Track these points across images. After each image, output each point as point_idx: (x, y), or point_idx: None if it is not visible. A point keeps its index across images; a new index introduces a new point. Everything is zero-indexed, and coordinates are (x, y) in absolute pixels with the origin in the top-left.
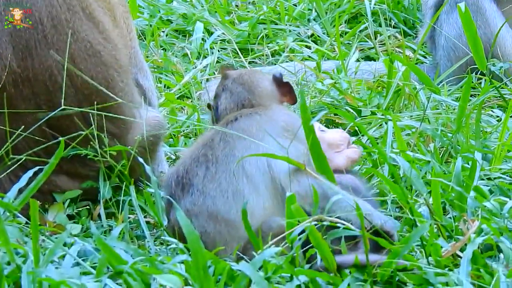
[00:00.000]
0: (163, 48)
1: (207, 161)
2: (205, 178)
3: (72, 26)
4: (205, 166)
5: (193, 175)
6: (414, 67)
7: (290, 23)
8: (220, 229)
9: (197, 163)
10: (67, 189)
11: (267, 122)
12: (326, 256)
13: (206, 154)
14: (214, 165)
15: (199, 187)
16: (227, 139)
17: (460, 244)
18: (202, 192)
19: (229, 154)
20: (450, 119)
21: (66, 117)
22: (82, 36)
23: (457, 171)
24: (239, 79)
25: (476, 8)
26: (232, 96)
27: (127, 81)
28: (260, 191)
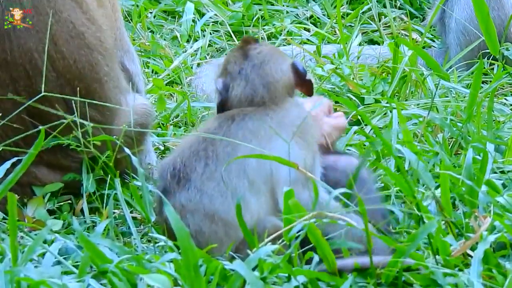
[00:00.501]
0: (151, 30)
1: (207, 157)
2: (204, 175)
3: (54, 5)
4: (205, 162)
5: (191, 169)
6: (421, 51)
7: (287, 3)
8: (216, 229)
9: (197, 157)
10: (47, 181)
11: (277, 127)
12: (327, 255)
13: (206, 149)
14: (214, 162)
15: (197, 183)
16: (231, 138)
17: (471, 243)
18: (200, 190)
19: (231, 154)
20: (460, 108)
21: (47, 104)
22: (64, 17)
23: (467, 164)
24: (260, 68)
25: None
26: (247, 86)
27: (113, 65)
28: (261, 197)
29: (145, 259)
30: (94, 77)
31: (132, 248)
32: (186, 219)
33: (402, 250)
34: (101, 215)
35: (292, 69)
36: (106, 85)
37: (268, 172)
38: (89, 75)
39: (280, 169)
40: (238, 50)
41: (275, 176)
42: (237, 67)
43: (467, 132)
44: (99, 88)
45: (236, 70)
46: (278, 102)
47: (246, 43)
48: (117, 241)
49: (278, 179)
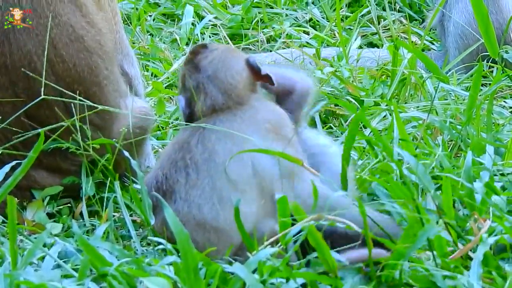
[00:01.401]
0: (150, 33)
1: (186, 166)
2: (187, 185)
3: (53, 9)
4: (185, 172)
5: (173, 181)
6: (420, 54)
7: (287, 6)
8: (209, 237)
9: (176, 168)
10: (47, 185)
11: (249, 126)
12: (326, 257)
13: (184, 158)
14: (194, 170)
15: (182, 194)
16: (205, 143)
17: (471, 245)
18: (186, 200)
19: (209, 159)
20: (460, 110)
21: (47, 107)
22: (64, 20)
23: (467, 166)
24: (215, 77)
25: None
26: (207, 97)
27: (112, 68)
28: (247, 196)
29: (144, 262)
30: (94, 80)
31: (132, 251)
32: None
33: (402, 252)
34: (100, 218)
35: (247, 67)
36: (105, 89)
37: (250, 172)
38: (88, 79)
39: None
40: (189, 63)
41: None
42: (193, 82)
43: (466, 135)
44: (98, 92)
45: (193, 85)
46: (243, 101)
47: (195, 54)
48: (117, 244)
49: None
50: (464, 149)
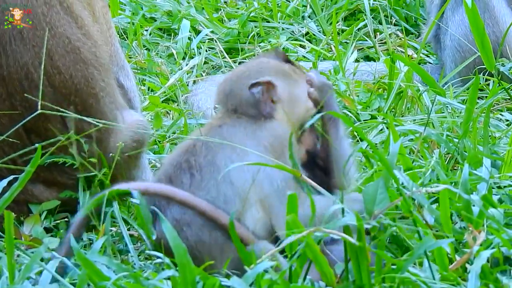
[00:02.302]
0: (146, 48)
1: (191, 167)
2: (192, 186)
3: (49, 20)
4: (190, 173)
5: (178, 183)
6: (417, 67)
7: (283, 20)
8: (216, 236)
9: (180, 169)
10: (44, 199)
11: (251, 139)
12: (324, 270)
13: (188, 160)
14: (199, 172)
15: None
16: (210, 145)
17: (466, 257)
18: None
19: (212, 161)
20: (456, 123)
21: (44, 120)
22: (60, 32)
23: (464, 179)
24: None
25: (484, 5)
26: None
27: (109, 80)
28: (250, 201)
29: (142, 277)
30: (90, 92)
31: (130, 265)
32: (184, 232)
33: (399, 265)
34: (98, 232)
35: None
36: (102, 101)
37: (249, 182)
38: (85, 90)
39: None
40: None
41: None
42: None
43: (463, 148)
44: (95, 103)
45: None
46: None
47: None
48: (114, 258)
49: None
50: (461, 162)
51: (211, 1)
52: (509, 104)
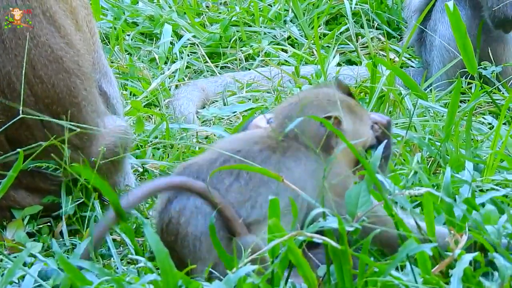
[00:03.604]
0: (128, 52)
1: (239, 175)
2: (232, 186)
3: (32, 29)
4: (235, 177)
5: (218, 180)
6: (399, 71)
7: (265, 25)
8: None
9: (227, 171)
10: (26, 204)
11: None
12: (307, 274)
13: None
14: (246, 180)
15: (222, 193)
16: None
17: (448, 261)
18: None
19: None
20: (438, 127)
21: (26, 128)
22: (43, 41)
23: (446, 183)
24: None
25: None
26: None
27: (91, 89)
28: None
29: (125, 281)
30: (72, 101)
31: (112, 269)
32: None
33: (382, 268)
34: (81, 237)
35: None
36: (84, 109)
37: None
38: (67, 99)
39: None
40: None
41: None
42: None
43: (445, 151)
44: (77, 112)
45: None
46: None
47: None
48: (97, 263)
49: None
50: (443, 166)
51: (193, 5)
52: (491, 108)
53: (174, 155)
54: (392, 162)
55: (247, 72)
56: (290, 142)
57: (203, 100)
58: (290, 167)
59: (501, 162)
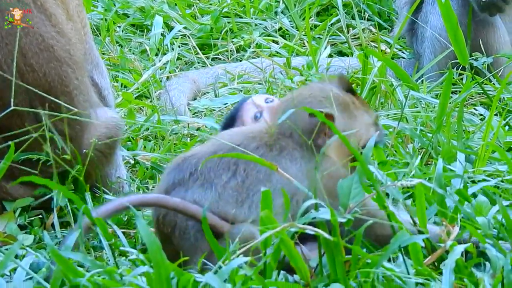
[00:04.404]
0: (119, 44)
1: (236, 171)
2: (229, 183)
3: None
4: (232, 173)
5: (216, 175)
6: (390, 62)
7: (256, 16)
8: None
9: (225, 166)
10: (18, 196)
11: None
12: (299, 266)
13: (237, 164)
14: (242, 178)
15: (218, 189)
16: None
17: (441, 252)
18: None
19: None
20: (430, 118)
21: (17, 117)
22: (34, 30)
23: (438, 174)
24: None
25: None
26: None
27: (82, 78)
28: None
29: (117, 273)
30: (64, 90)
31: (104, 262)
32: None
33: (374, 260)
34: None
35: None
36: (76, 99)
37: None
38: (58, 88)
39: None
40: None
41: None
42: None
43: (437, 143)
44: (69, 101)
45: None
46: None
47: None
48: (89, 255)
49: None
50: (435, 157)
51: None
52: (483, 99)
53: (165, 147)
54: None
55: (238, 64)
56: (286, 141)
57: (194, 91)
58: (285, 167)
59: (492, 153)
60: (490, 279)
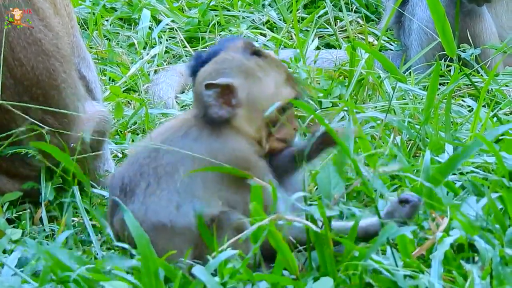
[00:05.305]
0: (107, 38)
1: (149, 174)
2: (147, 191)
3: (10, 12)
4: (147, 179)
5: (136, 184)
6: (378, 54)
7: (243, 9)
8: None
9: (141, 172)
10: (6, 190)
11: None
12: (288, 259)
13: (149, 165)
14: (156, 179)
15: (140, 198)
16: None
17: (429, 243)
18: (144, 204)
19: (172, 172)
20: (418, 110)
21: (5, 111)
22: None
23: (426, 166)
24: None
25: None
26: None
27: (70, 72)
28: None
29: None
30: (52, 84)
31: (92, 255)
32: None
33: (362, 252)
34: (60, 223)
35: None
36: (63, 92)
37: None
38: (46, 82)
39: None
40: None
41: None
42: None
43: (425, 134)
44: (57, 95)
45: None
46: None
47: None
48: (77, 249)
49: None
50: (423, 149)
51: None
52: (471, 90)
53: None
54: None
55: None
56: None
57: (182, 85)
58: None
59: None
60: (479, 271)
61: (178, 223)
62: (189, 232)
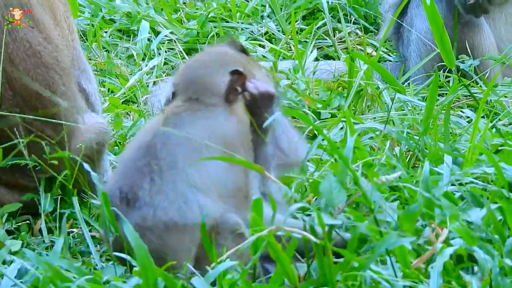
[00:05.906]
0: (106, 49)
1: (151, 171)
2: (152, 190)
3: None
4: (150, 177)
5: (138, 188)
6: (376, 65)
7: (242, 20)
8: (180, 237)
9: (141, 174)
10: (6, 202)
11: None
12: (287, 269)
13: (149, 164)
14: (159, 176)
15: (147, 199)
16: (169, 145)
17: (429, 254)
18: (152, 205)
19: (173, 163)
20: (417, 121)
21: (4, 123)
22: (21, 36)
23: (425, 176)
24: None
25: None
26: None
27: (69, 84)
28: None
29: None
30: (51, 96)
31: (92, 266)
32: (146, 237)
33: (362, 263)
34: (59, 234)
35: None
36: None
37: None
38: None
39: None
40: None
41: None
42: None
43: (424, 145)
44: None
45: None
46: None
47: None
48: (76, 260)
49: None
50: (422, 159)
51: (170, 2)
52: (470, 101)
53: None
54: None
55: None
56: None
57: None
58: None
59: (479, 155)
60: (478, 282)
61: (187, 219)
62: (197, 228)
